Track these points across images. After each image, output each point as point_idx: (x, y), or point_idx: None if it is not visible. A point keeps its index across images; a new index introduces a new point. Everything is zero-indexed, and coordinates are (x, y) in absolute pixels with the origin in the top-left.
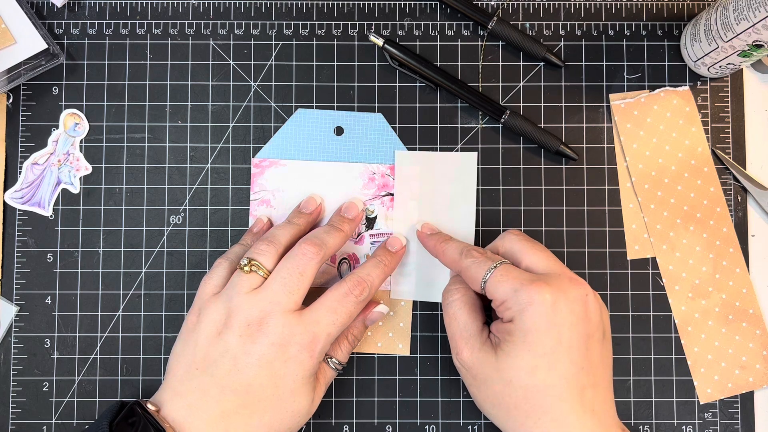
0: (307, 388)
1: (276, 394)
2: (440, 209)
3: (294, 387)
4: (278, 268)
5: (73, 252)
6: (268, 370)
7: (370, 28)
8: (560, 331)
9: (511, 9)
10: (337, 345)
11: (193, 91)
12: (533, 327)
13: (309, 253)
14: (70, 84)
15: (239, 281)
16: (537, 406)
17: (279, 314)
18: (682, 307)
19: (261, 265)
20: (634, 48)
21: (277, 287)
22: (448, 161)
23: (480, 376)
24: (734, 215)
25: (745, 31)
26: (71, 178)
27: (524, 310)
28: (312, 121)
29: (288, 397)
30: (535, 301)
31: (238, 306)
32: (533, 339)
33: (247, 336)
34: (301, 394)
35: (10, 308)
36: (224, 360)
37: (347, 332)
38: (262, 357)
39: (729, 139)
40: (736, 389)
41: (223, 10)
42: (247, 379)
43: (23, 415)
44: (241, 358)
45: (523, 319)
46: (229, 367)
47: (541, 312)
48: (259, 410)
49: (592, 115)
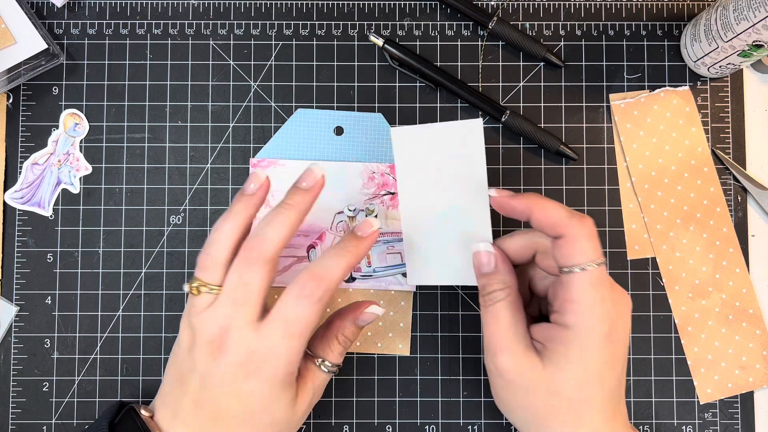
0: (282, 398)
1: (246, 410)
2: (448, 185)
3: (264, 401)
4: (226, 281)
5: (73, 252)
6: (232, 388)
7: (370, 28)
8: (615, 349)
9: (511, 9)
10: (327, 347)
11: (193, 91)
12: (594, 344)
13: (249, 259)
14: (70, 84)
15: (192, 303)
16: (577, 417)
17: (236, 330)
18: (682, 307)
19: (206, 284)
20: (634, 48)
21: (226, 302)
22: (450, 132)
23: (518, 382)
24: (734, 215)
25: (745, 31)
26: (71, 178)
27: (594, 326)
28: (312, 121)
29: (260, 411)
30: (622, 314)
31: (197, 325)
32: (590, 355)
33: (210, 354)
34: (276, 406)
35: (10, 308)
36: (193, 377)
37: (336, 333)
38: (224, 377)
39: (729, 139)
40: (736, 389)
41: (223, 10)
42: (215, 397)
43: (23, 415)
44: (206, 377)
45: (590, 332)
46: (198, 385)
47: (607, 330)
48: (232, 426)
49: (592, 115)
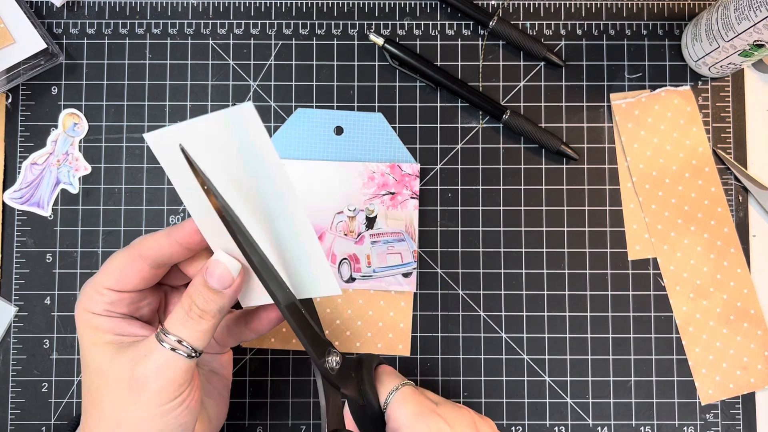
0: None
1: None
2: (244, 187)
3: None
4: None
5: (72, 252)
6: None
7: (370, 27)
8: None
9: (511, 8)
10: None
11: (193, 91)
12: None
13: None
14: (70, 84)
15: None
16: None
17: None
18: (683, 307)
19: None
20: (634, 48)
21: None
22: (216, 125)
23: None
24: (735, 215)
25: (746, 30)
26: (70, 178)
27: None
28: (312, 120)
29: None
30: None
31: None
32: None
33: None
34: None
35: (9, 308)
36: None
37: (183, 298)
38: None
39: (730, 139)
40: (737, 390)
41: (223, 10)
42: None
43: (22, 415)
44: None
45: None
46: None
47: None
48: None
49: (593, 114)
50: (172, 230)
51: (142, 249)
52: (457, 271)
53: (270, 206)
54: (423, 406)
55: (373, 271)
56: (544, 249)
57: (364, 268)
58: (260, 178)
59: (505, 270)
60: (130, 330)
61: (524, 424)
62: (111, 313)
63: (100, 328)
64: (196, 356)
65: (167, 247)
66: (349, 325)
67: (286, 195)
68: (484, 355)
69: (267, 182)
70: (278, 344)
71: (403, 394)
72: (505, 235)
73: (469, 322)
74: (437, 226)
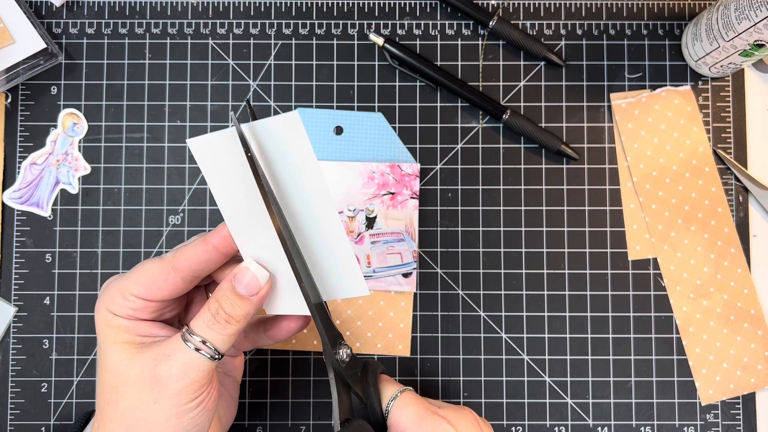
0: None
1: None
2: (280, 190)
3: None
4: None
5: (72, 252)
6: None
7: (370, 27)
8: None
9: (511, 8)
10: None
11: (192, 91)
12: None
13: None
14: (69, 84)
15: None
16: None
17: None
18: (683, 307)
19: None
20: (635, 47)
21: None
22: (267, 132)
23: None
24: (736, 215)
25: (747, 30)
26: (70, 178)
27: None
28: (312, 120)
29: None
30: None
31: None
32: None
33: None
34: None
35: (8, 309)
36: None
37: (210, 301)
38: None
39: (730, 138)
40: (737, 390)
41: (222, 9)
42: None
43: (22, 416)
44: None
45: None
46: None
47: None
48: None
49: (593, 114)
50: (208, 236)
51: (177, 261)
52: (457, 271)
53: (304, 208)
54: (425, 409)
55: (373, 272)
56: (544, 249)
57: (364, 269)
58: (297, 181)
59: (505, 270)
60: (151, 331)
61: (524, 424)
62: (134, 317)
63: (121, 327)
64: (218, 358)
65: (203, 254)
66: (349, 326)
67: (322, 198)
68: (484, 356)
69: (304, 185)
70: (278, 344)
71: (404, 398)
72: (505, 235)
73: (469, 322)
74: (437, 226)
